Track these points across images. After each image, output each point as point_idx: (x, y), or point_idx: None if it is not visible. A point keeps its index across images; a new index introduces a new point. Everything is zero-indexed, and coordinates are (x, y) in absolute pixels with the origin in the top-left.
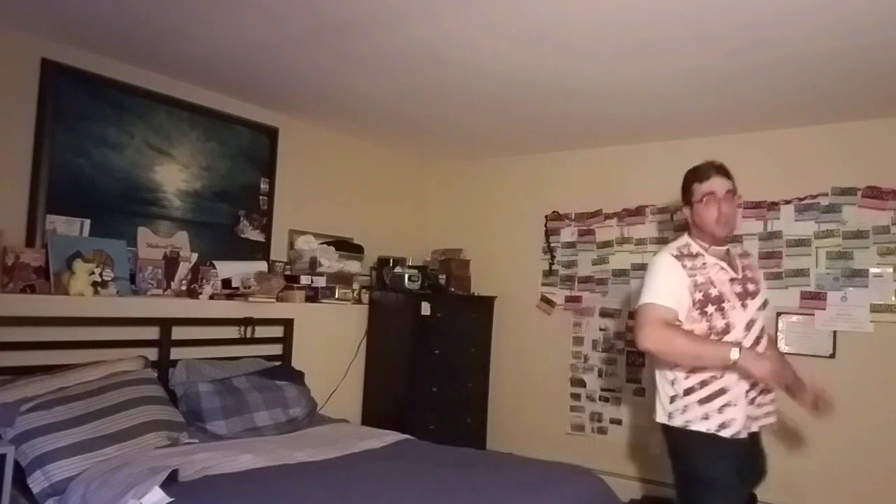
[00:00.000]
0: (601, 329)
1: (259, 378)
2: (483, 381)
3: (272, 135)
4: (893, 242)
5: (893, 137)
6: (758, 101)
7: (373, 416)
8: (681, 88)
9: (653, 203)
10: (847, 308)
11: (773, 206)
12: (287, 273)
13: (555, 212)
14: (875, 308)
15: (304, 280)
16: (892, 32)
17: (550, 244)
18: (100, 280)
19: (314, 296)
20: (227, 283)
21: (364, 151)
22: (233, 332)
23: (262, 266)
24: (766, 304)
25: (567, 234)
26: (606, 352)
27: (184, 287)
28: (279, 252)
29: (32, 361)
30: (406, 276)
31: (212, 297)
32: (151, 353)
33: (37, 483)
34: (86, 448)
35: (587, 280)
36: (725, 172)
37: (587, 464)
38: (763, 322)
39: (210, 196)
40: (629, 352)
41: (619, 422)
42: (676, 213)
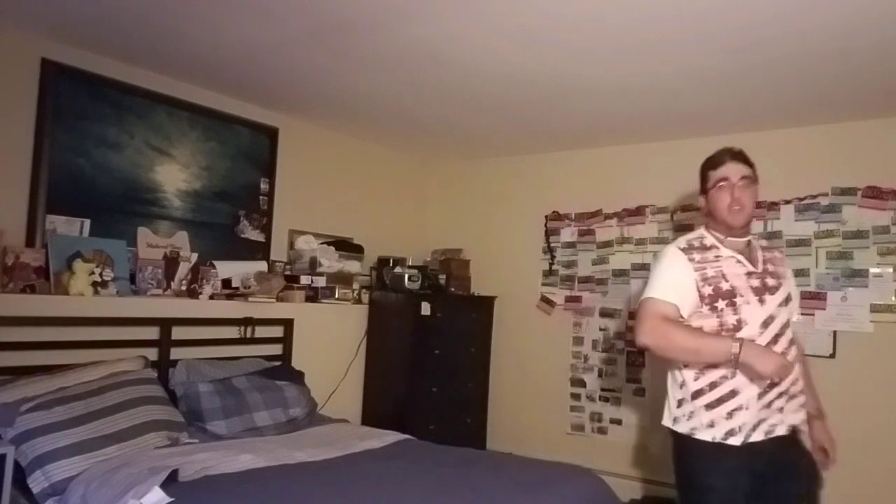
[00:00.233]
0: (601, 329)
1: (259, 378)
2: (483, 381)
3: (272, 135)
4: (893, 242)
5: (893, 137)
6: (758, 101)
7: (373, 416)
8: (681, 88)
9: (653, 203)
10: (847, 308)
11: (773, 206)
12: (287, 273)
13: (555, 212)
14: (875, 308)
15: (304, 280)
16: (892, 32)
17: (550, 244)
18: (100, 280)
19: (314, 296)
20: (227, 283)
21: (364, 151)
22: (233, 332)
23: (262, 266)
24: (790, 301)
25: (567, 234)
26: (606, 352)
27: (184, 287)
28: (279, 252)
29: (32, 361)
30: (406, 276)
31: (212, 297)
32: (151, 353)
33: (37, 483)
34: (86, 448)
35: (587, 280)
36: (743, 158)
37: (587, 464)
38: (786, 319)
39: (210, 196)
40: (629, 352)
41: (619, 422)
42: (676, 213)
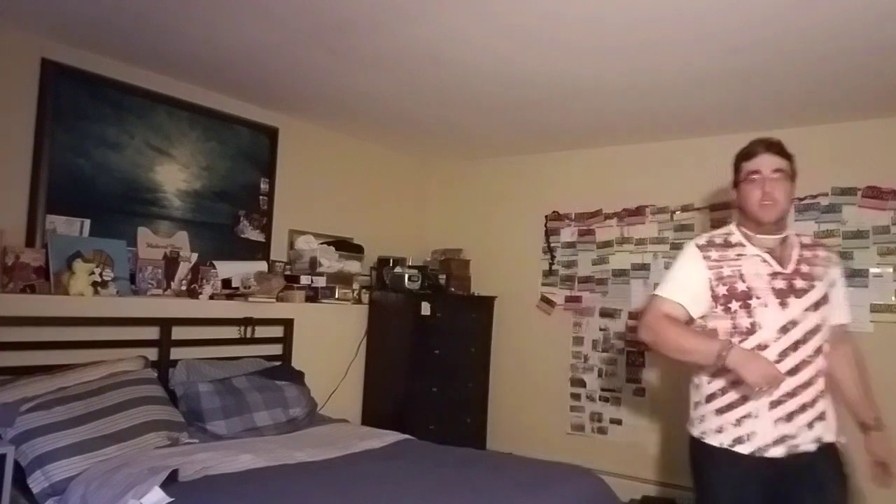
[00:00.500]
0: (601, 329)
1: (259, 378)
2: (483, 381)
3: (272, 135)
4: (893, 242)
5: (893, 137)
6: (758, 101)
7: (373, 416)
8: (681, 88)
9: (653, 203)
10: None
11: None
12: (287, 273)
13: (555, 212)
14: (875, 308)
15: (304, 280)
16: (892, 32)
17: (550, 244)
18: (100, 280)
19: (314, 296)
20: (227, 283)
21: (364, 151)
22: (233, 332)
23: (262, 266)
24: (823, 304)
25: (567, 234)
26: (606, 352)
27: (184, 287)
28: (279, 252)
29: (32, 361)
30: (406, 276)
31: (212, 297)
32: (151, 353)
33: (37, 483)
34: (86, 448)
35: (587, 280)
36: (778, 150)
37: (587, 464)
38: (815, 324)
39: (210, 196)
40: (629, 352)
41: (619, 422)
42: (676, 213)
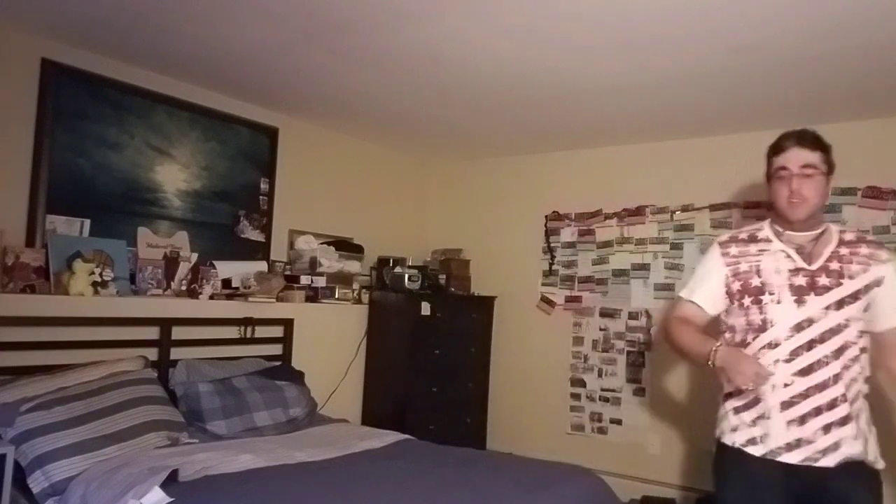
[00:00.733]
0: (601, 329)
1: (259, 378)
2: (483, 381)
3: (272, 135)
4: (893, 242)
5: (893, 137)
6: (758, 101)
7: (373, 416)
8: (681, 88)
9: (653, 203)
10: None
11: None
12: (287, 273)
13: (555, 212)
14: None
15: (304, 280)
16: (893, 32)
17: (550, 244)
18: (100, 280)
19: (314, 296)
20: (227, 283)
21: (364, 151)
22: (233, 332)
23: (262, 266)
24: (846, 304)
25: (567, 234)
26: (606, 352)
27: (184, 287)
28: (279, 252)
29: (32, 361)
30: (406, 276)
31: (212, 297)
32: (151, 353)
33: (37, 483)
34: (86, 448)
35: (587, 280)
36: (811, 143)
37: (587, 464)
38: (836, 324)
39: (210, 196)
40: (629, 352)
41: (619, 422)
42: (676, 213)
